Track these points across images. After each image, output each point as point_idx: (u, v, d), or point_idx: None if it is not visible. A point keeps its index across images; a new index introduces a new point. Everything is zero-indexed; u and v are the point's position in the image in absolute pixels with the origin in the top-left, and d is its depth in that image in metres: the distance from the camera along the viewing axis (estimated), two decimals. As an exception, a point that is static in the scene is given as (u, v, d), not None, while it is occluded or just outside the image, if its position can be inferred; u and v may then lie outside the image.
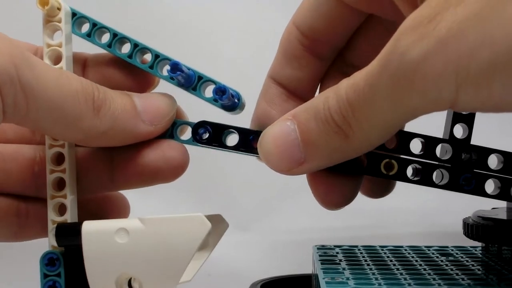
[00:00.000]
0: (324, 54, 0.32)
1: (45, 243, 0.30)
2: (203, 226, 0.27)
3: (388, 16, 0.30)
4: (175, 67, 0.29)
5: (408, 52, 0.22)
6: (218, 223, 0.29)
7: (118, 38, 0.30)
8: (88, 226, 0.28)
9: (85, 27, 0.30)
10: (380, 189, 0.31)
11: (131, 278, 0.28)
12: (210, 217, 0.29)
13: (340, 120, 0.26)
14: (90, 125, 0.27)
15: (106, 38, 0.30)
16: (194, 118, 0.31)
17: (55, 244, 0.29)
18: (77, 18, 0.30)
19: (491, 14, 0.20)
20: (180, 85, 0.30)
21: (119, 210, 0.32)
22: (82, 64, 0.31)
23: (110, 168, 0.30)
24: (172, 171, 0.30)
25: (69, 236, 0.28)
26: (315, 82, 0.32)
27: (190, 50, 0.59)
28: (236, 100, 0.30)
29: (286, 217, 0.61)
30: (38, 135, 0.31)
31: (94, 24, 0.30)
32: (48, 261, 0.29)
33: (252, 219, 0.61)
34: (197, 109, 0.32)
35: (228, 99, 0.30)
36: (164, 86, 0.31)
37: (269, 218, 0.61)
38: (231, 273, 0.51)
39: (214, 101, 0.30)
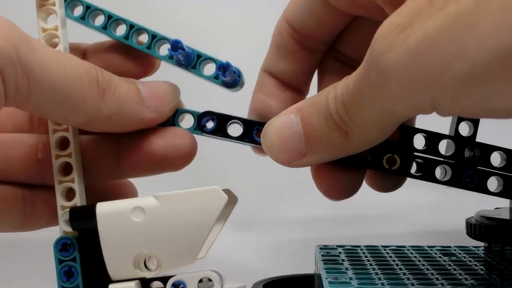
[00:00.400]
0: (316, 47, 0.32)
1: (46, 242, 0.30)
2: (219, 198, 0.27)
3: (377, 18, 0.30)
4: (176, 45, 0.29)
5: (382, 59, 0.23)
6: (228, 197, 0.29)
7: (113, 20, 0.30)
8: (103, 208, 0.28)
9: (79, 10, 0.30)
10: (390, 183, 0.31)
11: (146, 258, 0.28)
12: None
13: (337, 118, 0.26)
14: (95, 108, 0.27)
15: (100, 20, 0.30)
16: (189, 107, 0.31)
17: (66, 229, 0.29)
18: (70, 1, 0.30)
19: (465, 28, 0.21)
20: (180, 64, 0.30)
21: (127, 197, 0.32)
22: (81, 54, 0.31)
23: (116, 155, 0.30)
24: (180, 159, 0.30)
25: (84, 219, 0.28)
26: (310, 73, 0.33)
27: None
28: (237, 77, 0.30)
29: (287, 217, 0.61)
30: (36, 126, 0.30)
31: (88, 7, 0.30)
32: (62, 246, 0.28)
33: (252, 218, 0.61)
34: (191, 99, 0.32)
35: (230, 76, 0.30)
36: (163, 72, 0.31)
37: (270, 218, 0.61)
38: (233, 273, 0.51)
39: (214, 78, 0.30)
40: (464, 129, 0.30)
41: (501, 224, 0.33)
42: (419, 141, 0.30)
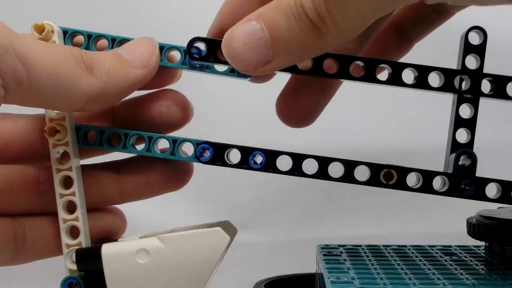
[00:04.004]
0: None
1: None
2: (222, 239, 0.28)
3: None
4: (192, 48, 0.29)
5: None
6: (227, 230, 0.29)
7: (117, 42, 0.30)
8: (108, 249, 0.28)
9: (80, 40, 0.30)
10: (301, 114, 0.32)
11: None
12: (219, 224, 0.29)
13: (314, 17, 0.26)
14: (88, 84, 0.27)
15: (104, 45, 0.30)
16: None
17: (71, 267, 0.29)
18: (69, 35, 0.30)
19: None
20: (193, 67, 0.30)
21: (115, 223, 0.32)
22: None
23: (117, 181, 0.30)
24: (179, 180, 0.31)
25: (90, 261, 0.28)
26: None
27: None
28: None
29: (288, 216, 0.61)
30: (41, 145, 0.30)
31: (89, 35, 0.30)
32: (69, 286, 0.29)
33: (253, 218, 0.61)
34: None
35: None
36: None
37: (270, 218, 0.61)
38: (234, 273, 0.51)
39: (230, 72, 0.30)
40: (462, 136, 0.31)
41: (502, 224, 0.33)
42: (411, 179, 0.30)
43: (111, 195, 0.31)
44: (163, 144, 0.30)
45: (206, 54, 0.29)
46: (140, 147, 0.30)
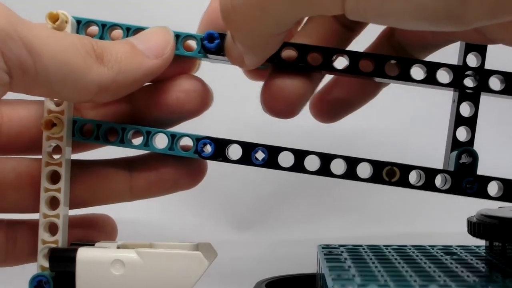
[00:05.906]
0: None
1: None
2: (200, 264, 0.27)
3: None
4: (212, 36, 0.29)
5: None
6: (207, 252, 0.29)
7: (132, 31, 0.30)
8: (84, 254, 0.28)
9: (94, 31, 0.30)
10: (333, 110, 0.31)
11: None
12: (200, 245, 0.29)
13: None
14: (99, 73, 0.27)
15: (119, 35, 0.30)
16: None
17: (44, 264, 0.29)
18: (83, 24, 0.30)
19: None
20: (210, 53, 0.30)
21: (102, 229, 0.32)
22: None
23: (129, 178, 0.30)
24: (192, 178, 0.31)
25: (63, 262, 0.28)
26: None
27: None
28: None
29: (287, 216, 0.61)
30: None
31: (103, 25, 0.30)
32: (37, 283, 0.28)
33: (253, 218, 0.61)
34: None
35: None
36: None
37: (270, 217, 0.61)
38: (234, 273, 0.51)
39: None
40: (462, 135, 0.31)
41: (502, 223, 0.33)
42: (412, 177, 0.30)
43: (122, 192, 0.30)
44: (161, 140, 0.30)
45: (219, 48, 0.29)
46: (138, 141, 0.30)
